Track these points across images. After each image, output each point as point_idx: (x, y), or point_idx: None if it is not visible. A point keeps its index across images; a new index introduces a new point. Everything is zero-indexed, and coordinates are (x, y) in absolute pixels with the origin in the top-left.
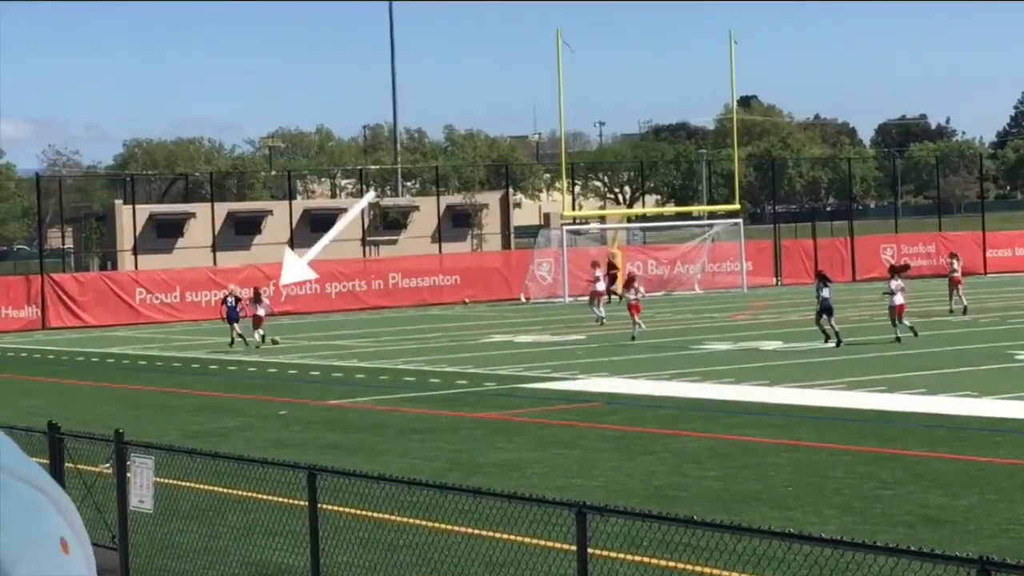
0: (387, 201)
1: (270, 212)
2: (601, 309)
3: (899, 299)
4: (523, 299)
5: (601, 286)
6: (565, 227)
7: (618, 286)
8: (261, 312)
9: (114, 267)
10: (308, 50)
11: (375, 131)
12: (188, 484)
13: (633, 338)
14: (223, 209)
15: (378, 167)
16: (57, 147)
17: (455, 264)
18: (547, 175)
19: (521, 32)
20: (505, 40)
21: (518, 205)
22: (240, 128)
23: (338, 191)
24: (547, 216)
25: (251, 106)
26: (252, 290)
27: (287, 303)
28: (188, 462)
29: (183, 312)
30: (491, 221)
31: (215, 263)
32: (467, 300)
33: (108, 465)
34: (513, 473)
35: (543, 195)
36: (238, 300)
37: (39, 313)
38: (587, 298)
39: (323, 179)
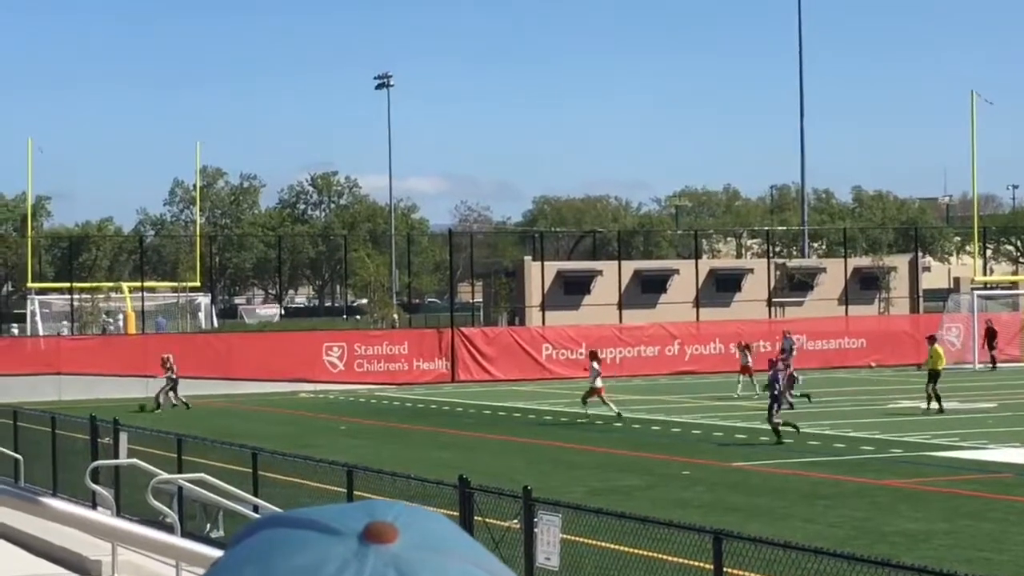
0: (794, 262)
1: (676, 271)
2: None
3: (599, 382)
4: None
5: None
6: (976, 292)
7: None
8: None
9: (522, 322)
10: (716, 109)
11: (782, 191)
12: (592, 542)
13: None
14: (629, 267)
15: (784, 228)
16: (468, 203)
17: (862, 327)
18: (957, 238)
19: (933, 92)
20: (916, 100)
21: (927, 268)
22: (648, 186)
23: (744, 251)
24: (957, 280)
25: (659, 165)
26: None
27: (690, 362)
28: (593, 520)
29: (588, 369)
30: (899, 284)
31: (620, 320)
32: (873, 364)
33: (516, 520)
34: (920, 544)
35: (953, 259)
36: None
37: (449, 366)
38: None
39: (729, 239)
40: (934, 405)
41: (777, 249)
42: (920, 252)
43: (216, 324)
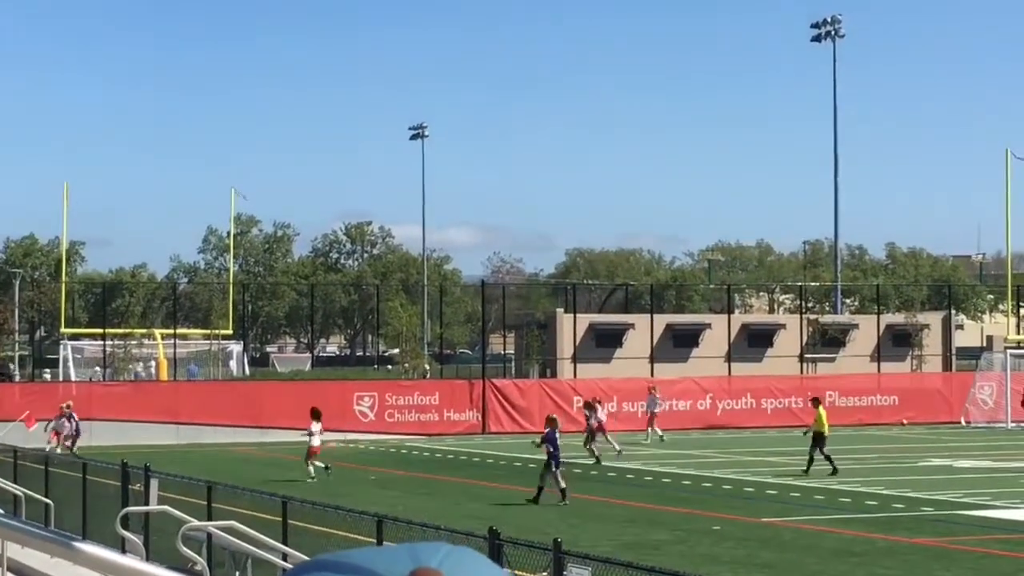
0: (826, 318)
1: (708, 325)
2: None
3: (315, 441)
4: (963, 423)
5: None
6: (1009, 351)
7: None
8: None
9: (553, 375)
10: (750, 164)
11: (815, 247)
12: None
13: None
14: (662, 321)
15: (817, 283)
16: (501, 254)
17: (894, 384)
18: (991, 296)
19: (967, 149)
20: (950, 157)
21: (960, 326)
22: (682, 240)
23: (776, 306)
24: (990, 339)
25: (692, 218)
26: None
27: (721, 417)
28: (623, 574)
29: (620, 422)
30: (932, 342)
31: (652, 374)
32: (905, 421)
33: (546, 573)
34: None
35: (986, 317)
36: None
37: (480, 417)
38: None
39: (761, 294)
40: (827, 467)
41: (810, 305)
42: (953, 310)
43: (248, 372)
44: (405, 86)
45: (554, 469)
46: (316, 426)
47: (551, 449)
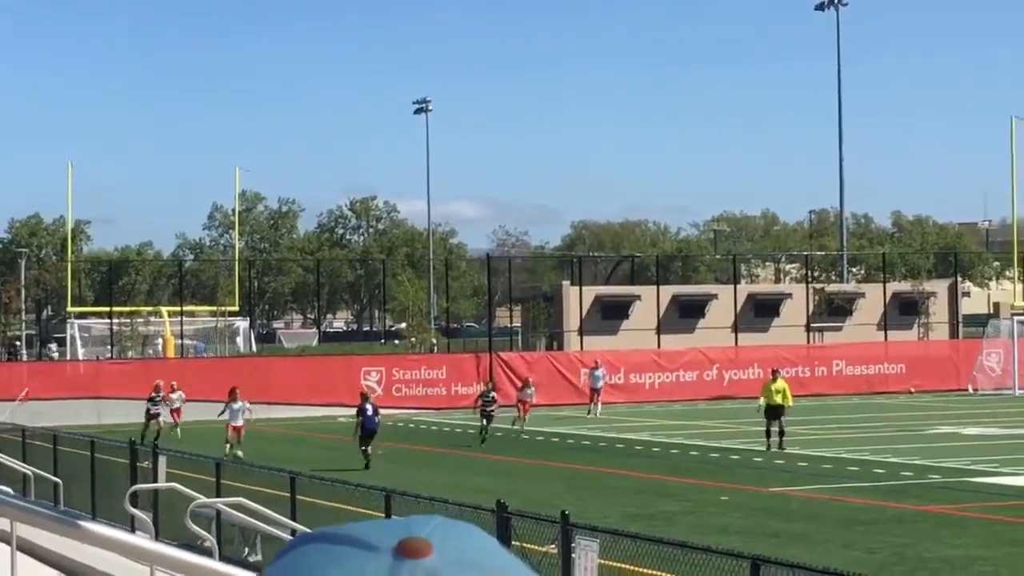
0: (832, 287)
1: (715, 296)
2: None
3: (239, 420)
4: (971, 390)
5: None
6: (1016, 317)
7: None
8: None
9: (560, 347)
10: (755, 134)
11: (821, 216)
12: (631, 567)
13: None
14: (668, 292)
15: (823, 252)
16: (507, 228)
17: (901, 352)
18: (997, 263)
19: (973, 116)
20: (956, 124)
21: (967, 294)
22: (687, 211)
23: (782, 276)
24: (996, 306)
25: (697, 189)
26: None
27: (728, 387)
28: (631, 545)
29: (627, 393)
30: (938, 309)
31: (659, 345)
32: (913, 389)
33: (554, 545)
34: (960, 571)
35: (992, 284)
36: (162, 398)
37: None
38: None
39: (767, 263)
40: (774, 439)
41: (816, 274)
42: (959, 277)
43: (255, 348)
44: (408, 60)
45: (359, 434)
46: (239, 404)
47: (362, 420)
